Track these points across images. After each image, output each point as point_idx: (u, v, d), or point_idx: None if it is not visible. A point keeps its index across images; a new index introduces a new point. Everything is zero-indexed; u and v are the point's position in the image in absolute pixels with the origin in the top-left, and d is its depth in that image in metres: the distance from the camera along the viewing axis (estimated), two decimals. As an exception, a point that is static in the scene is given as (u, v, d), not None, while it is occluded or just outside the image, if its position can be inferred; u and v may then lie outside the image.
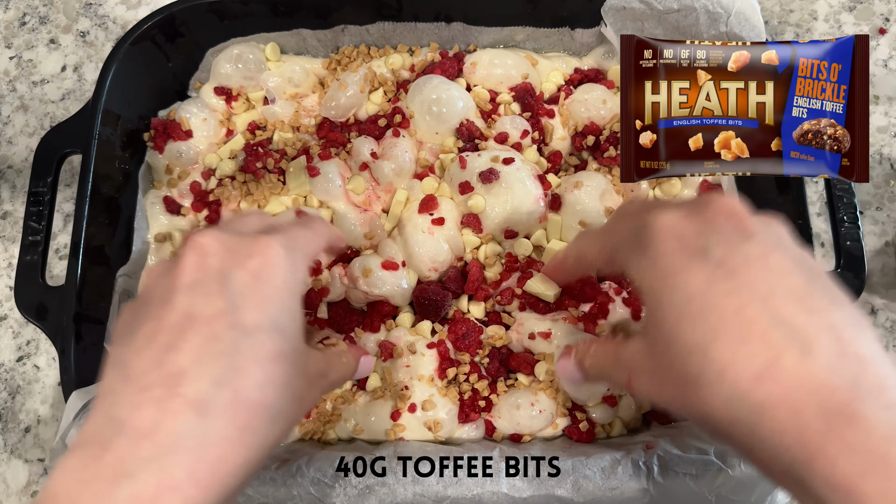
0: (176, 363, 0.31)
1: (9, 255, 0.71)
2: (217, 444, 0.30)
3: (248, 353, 0.32)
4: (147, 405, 0.30)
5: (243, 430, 0.31)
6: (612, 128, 0.64)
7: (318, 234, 0.41)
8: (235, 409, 0.31)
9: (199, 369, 0.31)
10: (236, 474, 0.31)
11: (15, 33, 0.79)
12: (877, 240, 0.69)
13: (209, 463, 0.30)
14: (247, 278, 0.34)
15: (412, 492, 0.49)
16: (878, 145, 0.72)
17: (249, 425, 0.31)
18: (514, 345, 0.59)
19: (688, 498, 0.49)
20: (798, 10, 0.78)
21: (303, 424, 0.57)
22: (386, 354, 0.57)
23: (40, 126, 0.76)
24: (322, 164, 0.61)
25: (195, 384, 0.30)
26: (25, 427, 0.65)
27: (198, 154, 0.65)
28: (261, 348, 0.33)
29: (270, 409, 0.32)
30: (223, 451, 0.30)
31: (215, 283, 0.33)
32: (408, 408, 0.55)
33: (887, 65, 0.75)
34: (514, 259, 0.61)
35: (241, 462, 0.31)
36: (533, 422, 0.56)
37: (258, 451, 0.32)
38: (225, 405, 0.31)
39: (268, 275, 0.35)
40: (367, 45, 0.69)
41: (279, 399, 0.33)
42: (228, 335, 0.32)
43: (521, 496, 0.49)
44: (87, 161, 0.58)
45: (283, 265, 0.35)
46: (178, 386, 0.30)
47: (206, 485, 0.29)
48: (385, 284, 0.57)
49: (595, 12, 0.64)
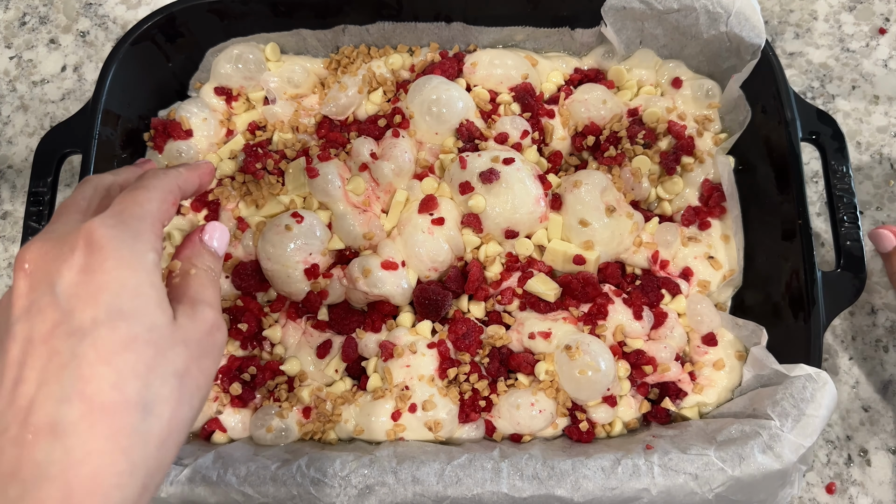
0: (24, 395, 0.30)
1: (9, 255, 0.71)
2: (84, 461, 0.29)
3: (90, 356, 0.30)
4: (7, 447, 0.29)
5: (113, 436, 0.30)
6: (612, 128, 0.64)
7: (154, 188, 0.38)
8: (92, 418, 0.29)
9: (45, 391, 0.30)
10: (122, 483, 0.29)
11: (15, 33, 0.79)
12: (877, 240, 0.69)
13: (82, 481, 0.29)
14: (74, 276, 0.32)
15: (412, 492, 0.49)
16: (879, 145, 0.72)
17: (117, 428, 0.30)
18: (515, 345, 0.59)
19: (688, 498, 0.49)
20: (798, 10, 0.78)
21: (303, 425, 0.57)
22: (386, 354, 0.57)
23: (40, 126, 0.76)
24: (321, 166, 0.61)
25: (43, 408, 0.29)
26: (25, 427, 0.65)
27: (198, 154, 0.65)
28: (104, 344, 0.30)
29: (139, 401, 0.30)
30: (94, 465, 0.29)
31: (46, 296, 0.32)
32: (408, 408, 0.55)
33: (887, 65, 0.75)
34: (515, 259, 0.61)
35: (125, 468, 0.30)
36: (533, 422, 0.56)
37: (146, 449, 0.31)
38: (78, 419, 0.29)
39: (96, 262, 0.32)
40: (367, 45, 0.69)
41: (147, 387, 0.31)
42: (66, 345, 0.30)
43: (521, 496, 0.49)
44: (87, 161, 0.58)
45: (111, 244, 0.33)
46: (29, 416, 0.29)
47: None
48: (385, 284, 0.57)
49: (595, 12, 0.64)
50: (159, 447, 0.31)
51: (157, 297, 0.33)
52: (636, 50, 0.67)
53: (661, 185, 0.64)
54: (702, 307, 0.60)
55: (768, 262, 0.60)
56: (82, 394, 0.30)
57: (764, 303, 0.60)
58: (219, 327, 0.36)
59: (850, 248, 0.57)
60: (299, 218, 0.58)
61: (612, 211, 0.59)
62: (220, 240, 0.42)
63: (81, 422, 0.29)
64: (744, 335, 0.59)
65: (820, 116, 0.60)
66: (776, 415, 0.51)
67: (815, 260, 0.55)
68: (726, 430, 0.52)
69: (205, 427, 0.58)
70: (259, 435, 0.57)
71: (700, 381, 0.59)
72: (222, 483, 0.50)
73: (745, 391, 0.58)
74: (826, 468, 0.62)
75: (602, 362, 0.55)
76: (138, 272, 0.33)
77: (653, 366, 0.58)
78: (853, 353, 0.66)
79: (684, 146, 0.64)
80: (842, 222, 0.57)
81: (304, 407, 0.58)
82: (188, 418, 0.33)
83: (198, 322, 0.35)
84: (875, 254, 0.68)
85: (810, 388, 0.52)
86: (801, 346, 0.54)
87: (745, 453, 0.49)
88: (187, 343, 0.34)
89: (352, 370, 0.60)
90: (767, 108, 0.61)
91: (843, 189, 0.58)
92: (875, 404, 0.64)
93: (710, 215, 0.63)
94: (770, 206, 0.60)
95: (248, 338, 0.59)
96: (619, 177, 0.62)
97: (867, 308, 0.67)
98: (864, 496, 0.61)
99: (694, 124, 0.65)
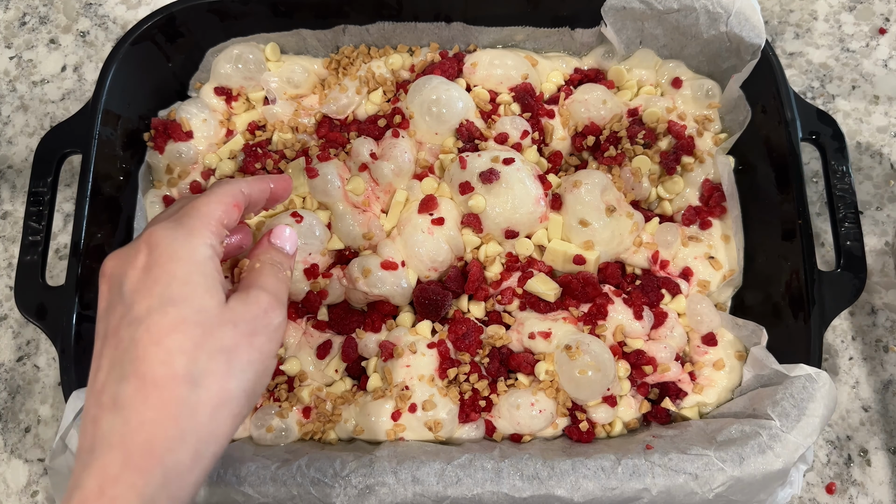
0: (98, 380, 0.35)
1: (9, 255, 0.71)
2: (139, 429, 0.33)
3: (144, 339, 0.34)
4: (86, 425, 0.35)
5: (164, 406, 0.33)
6: (612, 128, 0.64)
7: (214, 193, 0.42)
8: (144, 392, 0.33)
9: (110, 375, 0.35)
10: (173, 448, 0.33)
11: (15, 33, 0.79)
12: (877, 240, 0.69)
13: (139, 447, 0.33)
14: (137, 275, 0.36)
15: (412, 492, 0.49)
16: (879, 145, 0.72)
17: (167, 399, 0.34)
18: (515, 345, 0.59)
19: (688, 498, 0.49)
20: (798, 10, 0.78)
21: (303, 425, 0.57)
22: (386, 354, 0.57)
23: (40, 126, 0.76)
24: (321, 166, 0.61)
25: (109, 389, 0.34)
26: (25, 427, 0.65)
27: (198, 154, 0.65)
28: (156, 328, 0.35)
29: (186, 375, 0.34)
30: (148, 432, 0.33)
31: (117, 296, 0.37)
32: (408, 408, 0.55)
33: (887, 65, 0.75)
34: (515, 259, 0.61)
35: (175, 434, 0.33)
36: (533, 422, 0.56)
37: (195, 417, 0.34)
38: (133, 393, 0.33)
39: (153, 261, 0.36)
40: (367, 45, 0.69)
41: (194, 362, 0.34)
42: (126, 333, 0.35)
43: (521, 496, 0.49)
44: (87, 161, 0.58)
45: (165, 242, 0.37)
46: (101, 397, 0.34)
47: (143, 467, 0.32)
48: (385, 284, 0.57)
49: (595, 12, 0.64)
50: (210, 416, 0.35)
51: (206, 284, 0.37)
52: (636, 50, 0.67)
53: (662, 184, 0.64)
54: (702, 307, 0.60)
55: (768, 262, 0.60)
56: (136, 372, 0.34)
57: (764, 303, 0.60)
58: (273, 308, 0.39)
59: (850, 248, 0.57)
60: (299, 218, 0.58)
61: (612, 211, 0.59)
62: (288, 240, 0.45)
63: (136, 395, 0.33)
64: (744, 335, 0.59)
65: (820, 116, 0.60)
66: (776, 415, 0.51)
67: (815, 260, 0.55)
68: (726, 430, 0.52)
69: (205, 427, 0.58)
70: (259, 435, 0.57)
71: (700, 381, 0.59)
72: (222, 483, 0.50)
73: (745, 391, 0.58)
74: (826, 468, 0.62)
75: (602, 362, 0.55)
76: (188, 264, 0.37)
77: (653, 366, 0.58)
78: (853, 353, 0.66)
79: (684, 146, 0.64)
80: (842, 222, 0.57)
81: (304, 407, 0.58)
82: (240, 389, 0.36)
83: (249, 304, 0.38)
84: (875, 254, 0.68)
85: (810, 388, 0.51)
86: (801, 346, 0.54)
87: (745, 453, 0.49)
88: (236, 323, 0.37)
89: (352, 370, 0.60)
90: (767, 108, 0.61)
91: (843, 189, 0.58)
92: (875, 404, 0.64)
93: (711, 215, 0.63)
94: (770, 206, 0.60)
95: (248, 338, 0.59)
96: (619, 177, 0.62)
97: (867, 308, 0.67)
98: (863, 496, 0.61)
99: (694, 124, 0.65)
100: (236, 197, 0.43)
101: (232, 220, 0.42)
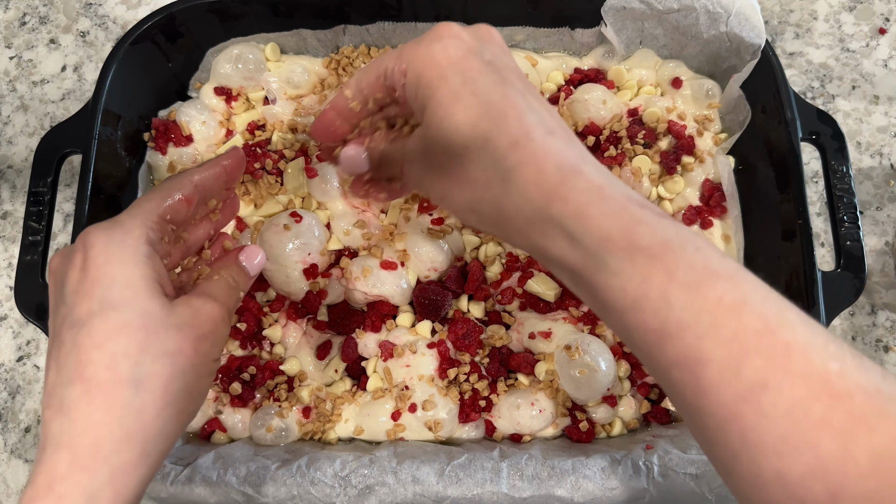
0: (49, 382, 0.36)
1: (9, 255, 0.71)
2: (86, 431, 0.34)
3: (87, 343, 0.35)
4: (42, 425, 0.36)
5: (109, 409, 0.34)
6: (612, 128, 0.64)
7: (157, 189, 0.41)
8: (89, 396, 0.34)
9: (58, 377, 0.35)
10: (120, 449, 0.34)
11: (15, 33, 0.79)
12: (877, 240, 0.69)
13: (85, 448, 0.34)
14: (76, 275, 0.36)
15: (412, 492, 0.49)
16: (879, 145, 0.72)
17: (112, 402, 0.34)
18: (514, 345, 0.59)
19: (688, 498, 0.49)
20: (798, 10, 0.78)
21: (303, 424, 0.57)
22: (386, 354, 0.57)
23: (40, 126, 0.76)
24: (321, 166, 0.61)
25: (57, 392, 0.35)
26: (25, 427, 0.65)
27: (197, 155, 0.65)
28: (97, 332, 0.35)
29: (130, 378, 0.35)
30: (95, 434, 0.34)
31: (60, 296, 0.37)
32: (408, 408, 0.55)
33: (887, 65, 0.75)
34: (515, 259, 0.61)
35: (122, 436, 0.34)
36: (533, 422, 0.56)
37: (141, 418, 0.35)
38: (79, 397, 0.34)
39: (89, 260, 0.36)
40: (368, 45, 0.69)
41: (138, 365, 0.35)
42: (68, 336, 0.35)
43: (521, 496, 0.49)
44: (87, 161, 0.58)
45: (100, 243, 0.37)
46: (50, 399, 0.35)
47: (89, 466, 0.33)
48: (384, 284, 0.57)
49: (595, 12, 0.64)
50: (156, 417, 0.35)
51: (147, 286, 0.37)
52: (636, 50, 0.67)
53: (662, 184, 0.64)
54: (702, 307, 0.60)
55: (768, 262, 0.60)
56: (81, 376, 0.34)
57: (764, 303, 0.60)
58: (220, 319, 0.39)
59: (850, 248, 0.56)
60: (298, 218, 0.58)
61: (612, 211, 0.59)
62: (257, 264, 0.45)
63: (81, 399, 0.34)
64: (744, 335, 0.59)
65: (820, 116, 0.60)
66: (776, 415, 0.51)
67: (815, 260, 0.55)
68: (726, 430, 0.52)
69: (205, 427, 0.58)
70: (259, 435, 0.57)
71: (700, 381, 0.59)
72: (222, 483, 0.50)
73: (745, 391, 0.58)
74: (826, 468, 0.62)
75: (602, 362, 0.55)
76: (128, 265, 0.37)
77: (653, 366, 0.58)
78: (853, 353, 0.66)
79: (684, 146, 0.64)
80: (842, 222, 0.57)
81: (304, 407, 0.58)
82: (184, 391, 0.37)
83: (194, 309, 0.38)
84: (875, 254, 0.68)
85: (810, 388, 0.51)
86: (801, 346, 0.54)
87: (745, 453, 0.49)
88: (181, 327, 0.37)
89: (352, 370, 0.60)
90: (767, 108, 0.61)
91: (843, 189, 0.58)
92: (875, 404, 0.64)
93: (712, 215, 0.63)
94: (770, 206, 0.60)
95: (247, 337, 0.59)
96: (619, 176, 0.62)
97: (867, 308, 0.67)
98: (864, 496, 0.61)
99: (694, 124, 0.65)
100: (183, 189, 0.42)
101: (179, 214, 0.41)
